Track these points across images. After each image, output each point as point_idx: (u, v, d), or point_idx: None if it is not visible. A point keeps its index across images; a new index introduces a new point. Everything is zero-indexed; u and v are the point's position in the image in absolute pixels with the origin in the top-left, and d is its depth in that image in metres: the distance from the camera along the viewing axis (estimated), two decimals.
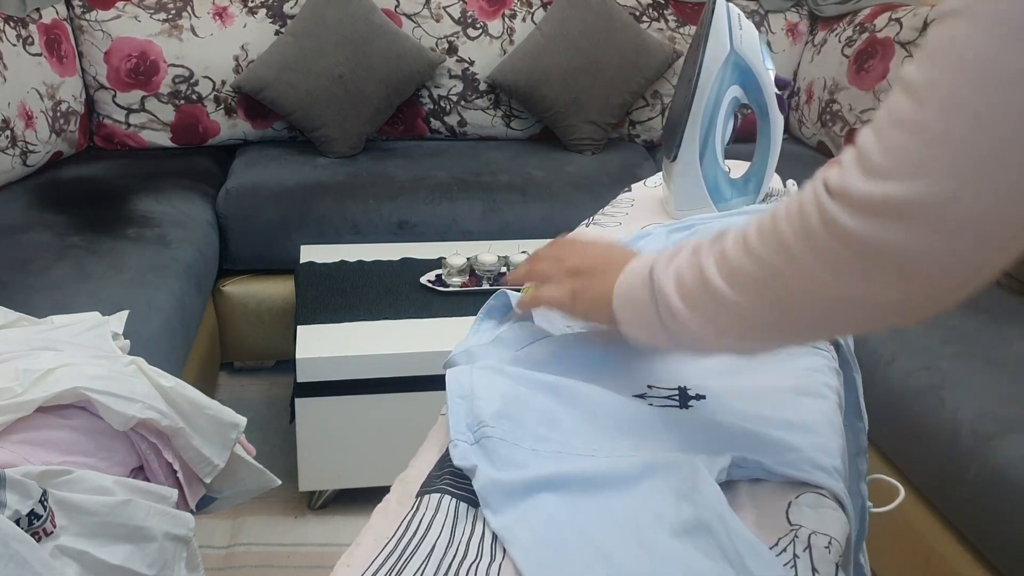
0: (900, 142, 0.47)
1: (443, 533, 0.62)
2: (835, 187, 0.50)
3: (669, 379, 0.78)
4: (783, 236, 0.54)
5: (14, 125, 1.98)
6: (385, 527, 0.63)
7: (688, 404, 0.75)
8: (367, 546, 0.62)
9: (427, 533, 0.62)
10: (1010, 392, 1.37)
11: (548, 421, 0.71)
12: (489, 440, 0.68)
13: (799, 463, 0.67)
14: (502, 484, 0.64)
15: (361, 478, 1.79)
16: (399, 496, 0.67)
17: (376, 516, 0.65)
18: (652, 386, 0.78)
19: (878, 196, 0.47)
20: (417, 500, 0.65)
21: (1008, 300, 1.64)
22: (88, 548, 0.90)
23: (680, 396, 0.76)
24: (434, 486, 0.66)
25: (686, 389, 0.77)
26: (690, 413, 0.74)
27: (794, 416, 0.74)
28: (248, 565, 1.68)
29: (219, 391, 2.20)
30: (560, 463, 0.67)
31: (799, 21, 2.63)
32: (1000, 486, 1.25)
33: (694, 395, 0.76)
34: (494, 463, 0.66)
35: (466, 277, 1.87)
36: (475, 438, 0.69)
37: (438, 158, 2.38)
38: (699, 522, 0.60)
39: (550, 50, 2.40)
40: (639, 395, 0.76)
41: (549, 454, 0.68)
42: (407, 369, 1.69)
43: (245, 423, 1.16)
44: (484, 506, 0.63)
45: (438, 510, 0.64)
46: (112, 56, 2.27)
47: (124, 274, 1.67)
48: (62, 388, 1.00)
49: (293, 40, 2.29)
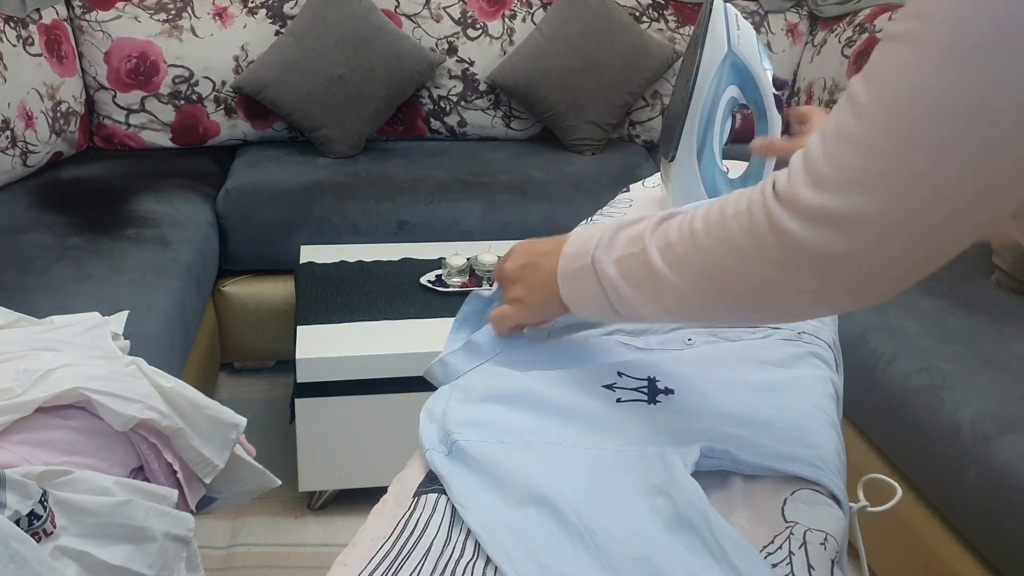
0: (843, 155, 0.50)
1: (440, 532, 0.62)
2: (782, 192, 0.53)
3: (639, 369, 0.79)
4: (729, 230, 0.57)
5: (14, 125, 1.98)
6: (382, 527, 0.63)
7: (656, 399, 0.75)
8: (364, 546, 0.62)
9: (424, 532, 0.62)
10: (1010, 392, 1.37)
11: (515, 419, 0.72)
12: (457, 445, 0.68)
13: (769, 457, 0.67)
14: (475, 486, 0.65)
15: (361, 478, 1.79)
16: (396, 496, 0.67)
17: (373, 516, 0.66)
18: (622, 373, 0.78)
19: (821, 206, 0.51)
20: (414, 500, 0.65)
21: (1008, 300, 1.64)
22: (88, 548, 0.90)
23: (649, 389, 0.76)
24: (431, 486, 0.67)
25: (655, 380, 0.77)
26: (658, 409, 0.74)
27: (771, 409, 0.74)
28: (248, 565, 1.68)
29: (219, 391, 2.20)
30: (529, 457, 0.67)
31: (799, 21, 2.63)
32: (1000, 486, 1.25)
33: (663, 388, 0.76)
34: (468, 466, 0.67)
35: (466, 277, 1.87)
36: (447, 448, 0.69)
37: (438, 158, 2.38)
38: (680, 517, 0.60)
39: (550, 50, 2.40)
40: (608, 385, 0.76)
41: (518, 444, 0.69)
42: (407, 369, 1.69)
43: (245, 423, 1.16)
44: (463, 511, 0.63)
45: (435, 510, 0.64)
46: (112, 56, 2.28)
47: (124, 274, 1.67)
48: (62, 388, 1.00)
49: (293, 40, 2.29)
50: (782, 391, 0.77)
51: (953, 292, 1.66)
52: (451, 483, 0.65)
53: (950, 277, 1.71)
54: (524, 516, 0.62)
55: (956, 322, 1.56)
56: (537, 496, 0.63)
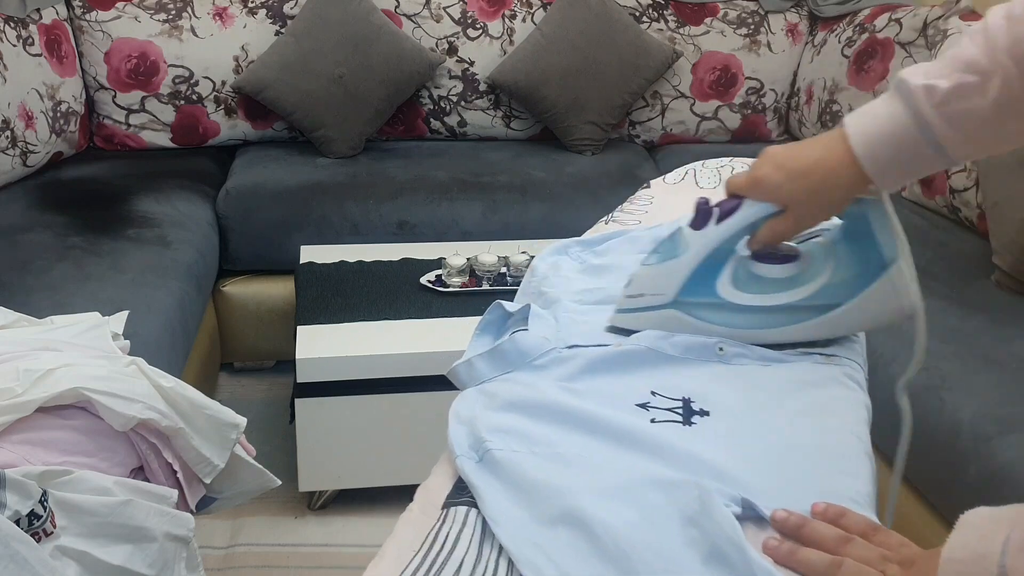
0: None
1: (471, 548, 0.61)
2: None
3: (674, 388, 0.77)
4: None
5: (14, 125, 1.98)
6: (410, 538, 0.62)
7: (691, 421, 0.73)
8: (391, 558, 0.60)
9: (454, 547, 0.61)
10: (1010, 392, 1.37)
11: (544, 431, 0.70)
12: (489, 454, 0.67)
13: (808, 494, 0.65)
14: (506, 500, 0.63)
15: (361, 478, 1.79)
16: (422, 505, 0.66)
17: (399, 525, 0.64)
18: (656, 393, 0.76)
19: None
20: (443, 512, 0.64)
21: (1008, 300, 1.64)
22: (88, 548, 0.90)
23: (684, 410, 0.74)
24: (460, 498, 0.65)
25: (690, 402, 0.75)
26: (693, 432, 0.72)
27: (811, 437, 0.71)
28: (248, 566, 1.68)
29: (219, 391, 2.20)
30: (561, 469, 0.66)
31: (799, 21, 2.63)
32: (1000, 486, 1.25)
33: (698, 410, 0.74)
34: (499, 477, 0.66)
35: (466, 277, 1.87)
36: (478, 456, 0.68)
37: (438, 158, 2.38)
38: (715, 550, 0.58)
39: (550, 50, 2.40)
40: (641, 403, 0.75)
41: (549, 455, 0.68)
42: (407, 369, 1.69)
43: (245, 423, 1.16)
44: (494, 526, 0.62)
45: (464, 524, 0.63)
46: (112, 57, 2.28)
47: (124, 275, 1.67)
48: (62, 388, 1.00)
49: (293, 40, 2.29)
50: (818, 415, 0.75)
51: (953, 292, 1.66)
52: (483, 495, 0.64)
53: (950, 277, 1.71)
54: (555, 535, 0.61)
55: (956, 322, 1.56)
56: (568, 514, 0.61)
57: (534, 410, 0.73)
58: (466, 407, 0.75)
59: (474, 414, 0.73)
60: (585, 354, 0.81)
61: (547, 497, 0.63)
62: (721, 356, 0.82)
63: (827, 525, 0.62)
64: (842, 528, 0.62)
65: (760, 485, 0.66)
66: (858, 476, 0.69)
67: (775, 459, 0.69)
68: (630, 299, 0.85)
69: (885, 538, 0.62)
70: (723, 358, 0.82)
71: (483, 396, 0.76)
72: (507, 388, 0.77)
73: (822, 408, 0.76)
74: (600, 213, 1.26)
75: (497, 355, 0.81)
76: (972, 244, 1.83)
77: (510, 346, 0.81)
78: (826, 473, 0.68)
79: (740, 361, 0.82)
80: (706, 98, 2.59)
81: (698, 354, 0.82)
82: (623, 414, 0.73)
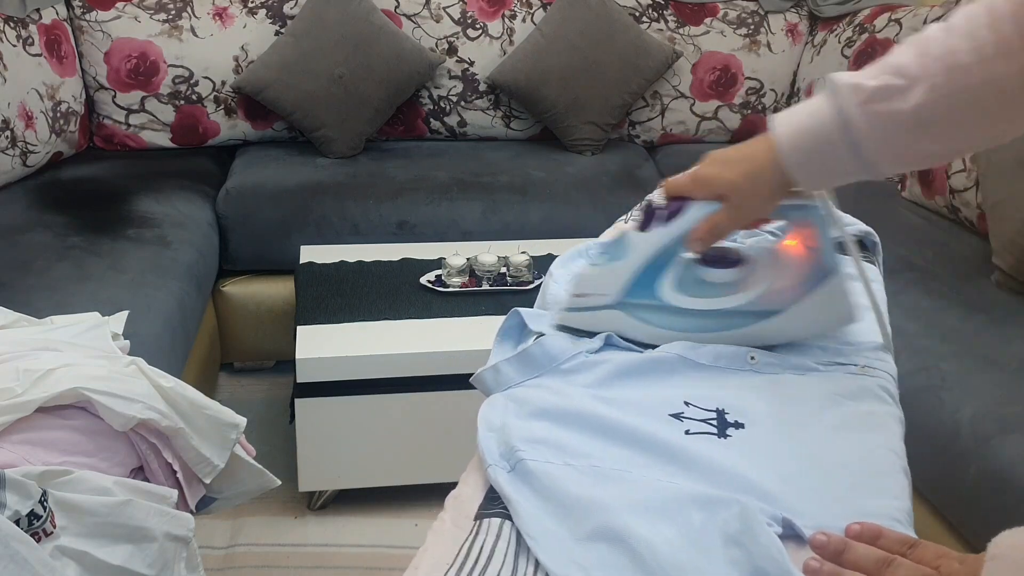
0: None
1: (506, 561, 0.60)
2: None
3: (707, 398, 0.76)
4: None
5: (14, 125, 1.98)
6: (443, 551, 0.61)
7: (727, 433, 0.72)
8: (426, 571, 0.59)
9: (489, 561, 0.60)
10: (1010, 392, 1.37)
11: (578, 441, 0.69)
12: (523, 464, 0.66)
13: (848, 515, 0.63)
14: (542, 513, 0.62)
15: (361, 478, 1.79)
16: (453, 517, 0.65)
17: (430, 537, 0.63)
18: (689, 403, 0.75)
19: None
20: (476, 524, 0.63)
21: (1008, 300, 1.64)
22: (88, 548, 0.90)
23: (718, 421, 0.73)
24: (493, 509, 0.64)
25: (724, 413, 0.74)
26: (728, 445, 0.70)
27: (850, 453, 0.70)
28: (248, 566, 1.68)
29: (219, 391, 2.20)
30: (598, 483, 0.64)
31: (799, 21, 2.63)
32: (1000, 486, 1.25)
33: (733, 422, 0.73)
34: (533, 488, 0.64)
35: (466, 277, 1.87)
36: (510, 465, 0.67)
37: (438, 158, 2.38)
38: (757, 572, 0.57)
39: (550, 50, 2.40)
40: (675, 414, 0.74)
41: (585, 468, 0.66)
42: (407, 369, 1.69)
43: (245, 423, 1.16)
44: (531, 542, 0.61)
45: (499, 536, 0.62)
46: (112, 57, 2.27)
47: (124, 275, 1.67)
48: (62, 388, 1.00)
49: (293, 40, 2.29)
50: (856, 430, 0.74)
51: (953, 292, 1.66)
52: (517, 508, 0.63)
53: (950, 277, 1.71)
54: (595, 552, 0.59)
55: (956, 322, 1.56)
56: (608, 531, 0.60)
57: (566, 418, 0.72)
58: (496, 414, 0.73)
59: (505, 422, 0.72)
60: (614, 359, 0.80)
61: (585, 512, 0.62)
62: (753, 365, 0.81)
63: (867, 547, 0.61)
64: (881, 548, 0.61)
65: (799, 504, 0.64)
66: (898, 495, 0.68)
67: (814, 476, 0.67)
68: (577, 299, 0.85)
69: (923, 552, 0.61)
70: (755, 367, 0.81)
71: (512, 403, 0.75)
72: (537, 395, 0.75)
73: (860, 423, 0.75)
74: (600, 213, 1.26)
75: (524, 359, 0.80)
76: (972, 244, 1.83)
77: (537, 349, 0.80)
78: (866, 492, 0.67)
79: (772, 370, 0.81)
80: (706, 98, 2.59)
81: (729, 362, 0.81)
82: (657, 425, 0.71)
